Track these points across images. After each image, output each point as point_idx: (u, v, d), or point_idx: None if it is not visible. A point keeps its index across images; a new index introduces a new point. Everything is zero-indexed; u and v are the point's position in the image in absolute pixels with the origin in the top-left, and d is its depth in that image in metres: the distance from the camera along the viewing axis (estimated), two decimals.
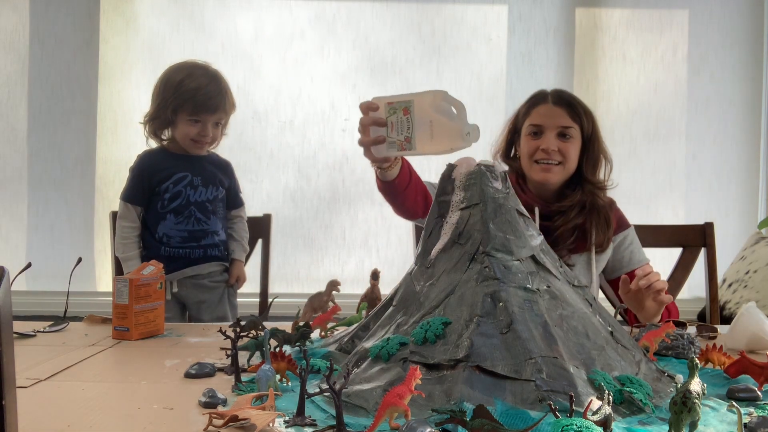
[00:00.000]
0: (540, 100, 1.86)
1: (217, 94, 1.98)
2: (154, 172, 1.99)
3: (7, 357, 0.65)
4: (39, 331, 1.52)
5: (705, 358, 1.21)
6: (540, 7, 3.18)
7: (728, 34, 3.23)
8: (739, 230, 3.20)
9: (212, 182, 2.04)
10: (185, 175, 2.01)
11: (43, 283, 2.98)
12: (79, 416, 0.93)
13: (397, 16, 3.16)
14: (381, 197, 1.73)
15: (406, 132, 1.38)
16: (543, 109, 1.84)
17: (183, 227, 2.00)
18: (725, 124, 3.24)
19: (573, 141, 1.81)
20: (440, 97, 1.36)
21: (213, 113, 1.98)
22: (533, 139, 1.82)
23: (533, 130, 1.83)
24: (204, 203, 2.02)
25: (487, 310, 1.01)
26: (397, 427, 0.84)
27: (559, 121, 1.81)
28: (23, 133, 3.09)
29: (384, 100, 1.43)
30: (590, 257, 1.83)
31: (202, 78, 1.98)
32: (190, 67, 2.01)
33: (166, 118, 1.98)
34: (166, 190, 1.99)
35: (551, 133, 1.80)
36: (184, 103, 1.95)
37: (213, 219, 2.04)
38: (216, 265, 2.06)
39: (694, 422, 0.81)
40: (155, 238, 1.99)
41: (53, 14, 3.08)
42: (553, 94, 1.87)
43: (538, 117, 1.83)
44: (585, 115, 1.84)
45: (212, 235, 2.04)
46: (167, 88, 1.98)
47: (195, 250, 2.01)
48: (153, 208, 2.00)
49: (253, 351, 1.21)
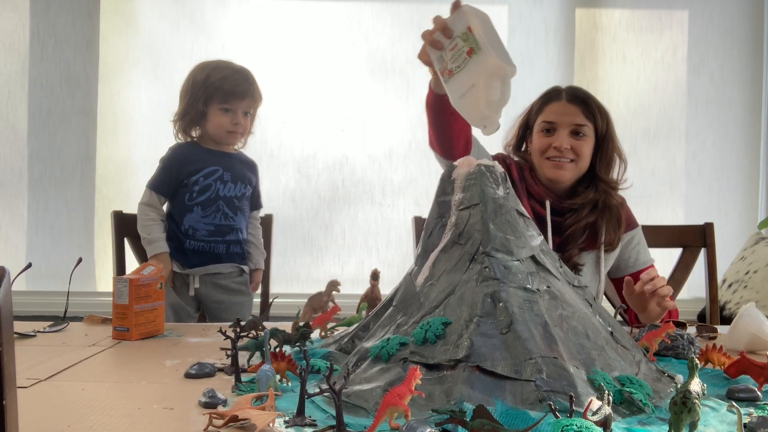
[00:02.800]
0: (554, 96, 1.83)
1: (244, 81, 2.02)
2: (185, 164, 2.01)
3: (8, 357, 0.65)
4: (39, 331, 1.52)
5: (705, 359, 1.21)
6: (540, 7, 3.18)
7: (728, 34, 3.23)
8: (739, 230, 3.20)
9: (241, 179, 2.06)
10: (216, 169, 2.02)
11: (43, 283, 2.98)
12: (79, 416, 0.93)
13: (397, 16, 3.16)
14: (381, 197, 1.72)
15: (455, 66, 1.29)
16: (557, 106, 1.81)
17: (210, 221, 2.01)
18: (725, 124, 3.24)
19: (586, 139, 1.79)
20: (502, 73, 1.26)
21: (242, 99, 2.00)
22: (546, 136, 1.80)
23: (546, 127, 1.80)
24: (232, 199, 2.04)
25: (487, 311, 1.01)
26: (397, 427, 0.84)
27: (573, 118, 1.78)
28: (23, 133, 3.09)
29: (471, 22, 1.30)
30: (599, 255, 1.82)
31: (227, 69, 2.02)
32: (214, 63, 2.06)
33: (198, 111, 2.00)
34: (196, 182, 2.00)
35: (564, 130, 1.78)
36: (215, 92, 1.98)
37: (239, 216, 2.05)
38: (235, 266, 2.07)
39: (694, 422, 0.81)
40: (181, 230, 2.00)
41: (53, 14, 3.08)
42: (567, 91, 1.84)
43: (552, 114, 1.80)
44: (600, 113, 1.81)
45: (237, 231, 2.05)
46: (195, 85, 2.01)
47: (219, 245, 2.02)
48: (180, 200, 2.01)
49: (253, 351, 1.21)
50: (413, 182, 3.11)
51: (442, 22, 1.35)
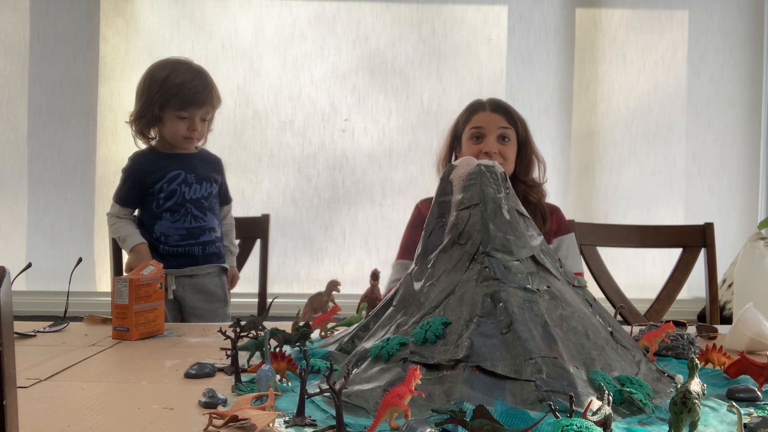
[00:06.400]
0: (479, 108, 2.02)
1: (203, 88, 1.96)
2: (147, 173, 1.98)
3: (8, 357, 0.65)
4: (39, 331, 1.52)
5: (705, 359, 1.21)
6: (540, 7, 3.18)
7: (728, 34, 3.23)
8: (739, 230, 3.20)
9: (206, 179, 2.03)
10: (179, 173, 1.99)
11: (43, 283, 2.98)
12: (79, 416, 0.93)
13: (397, 16, 3.16)
14: (381, 197, 1.73)
15: None
16: (482, 115, 1.99)
17: (180, 225, 1.99)
18: (725, 124, 3.24)
19: (510, 144, 1.97)
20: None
21: (200, 107, 1.96)
22: (475, 144, 1.97)
23: (475, 133, 1.98)
24: (199, 200, 2.02)
25: (487, 311, 1.01)
26: (397, 427, 0.84)
27: (499, 124, 1.97)
28: (23, 133, 3.09)
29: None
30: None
31: (187, 73, 1.96)
32: (173, 63, 1.99)
33: (153, 115, 1.96)
34: (161, 189, 1.98)
35: (492, 136, 1.96)
36: (171, 98, 1.93)
37: (209, 216, 2.04)
38: (214, 267, 2.06)
39: (694, 422, 0.81)
40: (153, 237, 1.98)
41: (53, 14, 3.08)
42: (489, 102, 2.03)
43: (479, 121, 1.98)
44: (519, 121, 2.01)
45: (209, 231, 2.04)
46: (152, 86, 1.95)
47: (194, 248, 2.01)
48: (149, 208, 1.99)
49: (253, 351, 1.21)
50: (413, 182, 3.11)
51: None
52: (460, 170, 1.17)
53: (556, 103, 3.17)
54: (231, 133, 3.12)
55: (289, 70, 3.15)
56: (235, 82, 3.12)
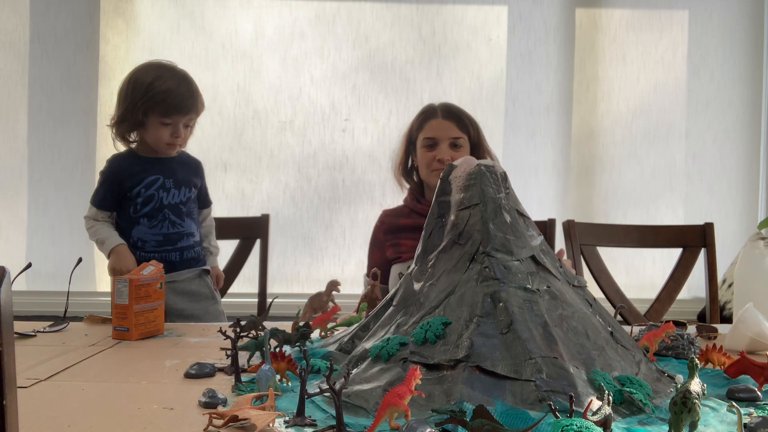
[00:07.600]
0: (431, 114, 2.07)
1: (189, 95, 1.94)
2: (125, 177, 1.94)
3: (8, 357, 0.65)
4: (39, 331, 1.52)
5: (705, 359, 1.21)
6: (540, 7, 3.18)
7: (728, 34, 3.23)
8: (739, 230, 3.20)
9: (185, 183, 2.00)
10: (157, 178, 1.95)
11: (43, 283, 2.98)
12: (79, 416, 0.93)
13: (397, 16, 3.16)
14: (381, 197, 1.74)
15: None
16: (435, 123, 2.05)
17: (157, 231, 1.95)
18: (725, 124, 3.24)
19: (463, 150, 2.04)
20: None
21: (185, 115, 1.93)
22: (429, 151, 2.04)
23: (428, 143, 2.05)
24: (177, 205, 1.98)
25: (487, 311, 1.01)
26: (397, 427, 0.84)
27: (450, 132, 2.03)
28: (23, 133, 3.09)
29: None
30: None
31: (172, 80, 1.93)
32: (157, 68, 1.96)
33: (136, 120, 1.92)
34: (138, 194, 1.93)
35: (444, 144, 2.03)
36: (156, 105, 1.90)
37: (187, 221, 2.00)
38: (193, 271, 2.02)
39: (694, 422, 0.81)
40: (130, 242, 1.94)
41: (53, 14, 3.08)
42: (441, 108, 2.08)
43: (431, 130, 2.05)
44: (471, 125, 2.07)
45: (188, 237, 2.00)
46: (136, 90, 1.91)
47: (171, 254, 1.97)
48: (126, 212, 1.95)
49: (253, 351, 1.21)
50: None
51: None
52: (460, 170, 1.17)
53: (556, 103, 3.17)
54: (231, 133, 3.12)
55: (289, 70, 3.15)
56: (235, 82, 3.12)
